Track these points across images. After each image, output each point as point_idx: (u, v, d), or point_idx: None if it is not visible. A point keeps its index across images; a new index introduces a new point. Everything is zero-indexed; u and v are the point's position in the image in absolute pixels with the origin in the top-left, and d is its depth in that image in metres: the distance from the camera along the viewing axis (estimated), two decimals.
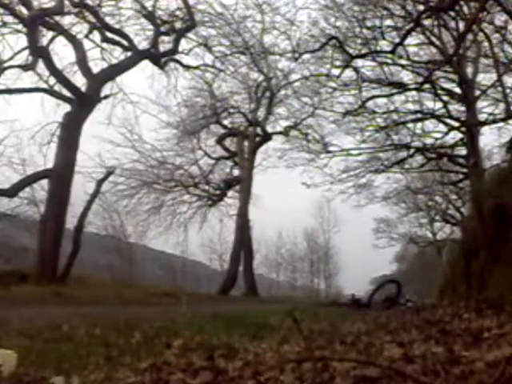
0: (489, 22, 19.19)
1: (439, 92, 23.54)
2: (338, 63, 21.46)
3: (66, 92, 18.53)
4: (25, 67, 18.26)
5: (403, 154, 25.94)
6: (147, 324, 5.73)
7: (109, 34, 20.01)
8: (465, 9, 18.99)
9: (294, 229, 51.31)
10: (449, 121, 24.56)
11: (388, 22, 20.69)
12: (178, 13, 21.56)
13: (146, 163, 27.93)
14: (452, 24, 20.57)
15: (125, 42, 20.11)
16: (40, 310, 8.11)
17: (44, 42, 18.58)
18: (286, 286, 50.39)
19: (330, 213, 47.86)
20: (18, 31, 18.70)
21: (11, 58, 18.74)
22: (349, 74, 22.44)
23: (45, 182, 18.17)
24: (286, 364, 2.64)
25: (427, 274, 39.82)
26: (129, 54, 20.33)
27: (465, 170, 25.45)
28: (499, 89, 21.87)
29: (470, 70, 23.21)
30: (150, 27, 21.14)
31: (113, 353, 3.71)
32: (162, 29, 21.35)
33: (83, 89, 18.52)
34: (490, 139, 28.32)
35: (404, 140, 25.53)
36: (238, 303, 16.67)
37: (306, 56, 22.15)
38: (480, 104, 23.99)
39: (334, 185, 26.20)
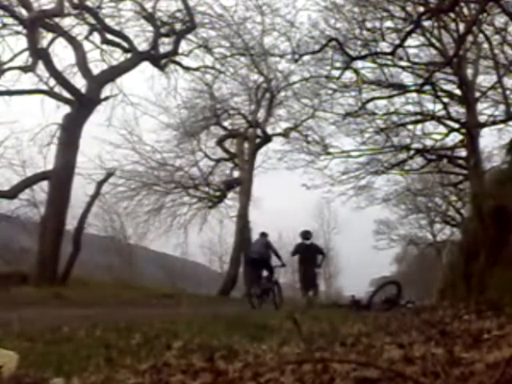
0: (489, 24, 19.24)
1: (439, 93, 23.57)
2: (338, 65, 21.50)
3: (65, 93, 18.54)
4: (25, 69, 18.28)
5: (403, 155, 25.96)
6: (147, 325, 5.74)
7: (109, 36, 20.03)
8: (465, 10, 19.03)
9: (294, 230, 51.29)
10: (449, 122, 24.58)
11: (388, 23, 20.77)
12: (177, 14, 21.58)
13: (146, 165, 27.95)
14: (452, 25, 20.60)
15: (125, 44, 20.12)
16: (40, 312, 8.11)
17: (44, 43, 18.61)
18: (287, 288, 50.36)
19: (330, 214, 47.99)
20: (18, 33, 18.74)
21: (11, 60, 18.79)
22: (349, 75, 22.52)
23: (45, 184, 18.18)
24: (286, 365, 2.64)
25: (427, 275, 39.82)
26: (129, 55, 20.35)
27: (465, 172, 25.45)
28: (499, 90, 21.92)
29: (470, 72, 23.24)
30: (150, 29, 21.16)
31: (113, 354, 3.71)
32: (162, 30, 21.36)
33: (83, 90, 18.52)
34: (490, 141, 28.21)
35: (404, 142, 25.56)
36: (238, 305, 16.66)
37: (306, 57, 22.18)
38: (480, 105, 24.05)
39: (333, 186, 26.24)
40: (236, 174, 29.18)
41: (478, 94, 23.33)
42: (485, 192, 10.29)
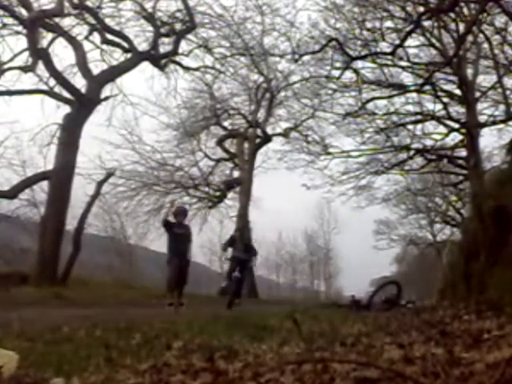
0: (489, 24, 19.23)
1: (439, 93, 23.57)
2: (338, 65, 21.51)
3: (66, 93, 18.55)
4: (25, 69, 18.28)
5: (403, 155, 25.99)
6: (147, 325, 5.73)
7: (109, 36, 20.03)
8: (465, 10, 19.03)
9: (294, 230, 51.40)
10: (449, 122, 24.59)
11: (388, 23, 20.76)
12: (177, 14, 21.58)
13: (146, 165, 27.99)
14: (452, 25, 20.60)
15: (125, 44, 20.13)
16: (40, 312, 8.11)
17: (44, 43, 18.62)
18: (286, 288, 50.46)
19: (330, 214, 48.02)
20: (18, 33, 18.74)
21: (11, 60, 18.80)
22: (349, 75, 22.52)
23: (45, 184, 18.20)
24: (286, 365, 2.64)
25: (427, 275, 39.83)
26: (129, 55, 20.35)
27: (465, 172, 25.47)
28: (499, 90, 21.93)
29: (470, 72, 23.24)
30: (150, 29, 21.17)
31: (113, 354, 3.71)
32: (162, 30, 21.37)
33: (83, 90, 18.53)
34: (490, 141, 28.29)
35: (404, 142, 25.58)
36: (239, 305, 16.65)
37: (306, 57, 22.20)
38: (480, 105, 24.07)
39: (334, 186, 26.28)
40: (236, 173, 29.22)
41: (477, 94, 23.33)
42: (485, 192, 10.29)
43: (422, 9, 17.44)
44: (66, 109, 18.64)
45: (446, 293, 10.41)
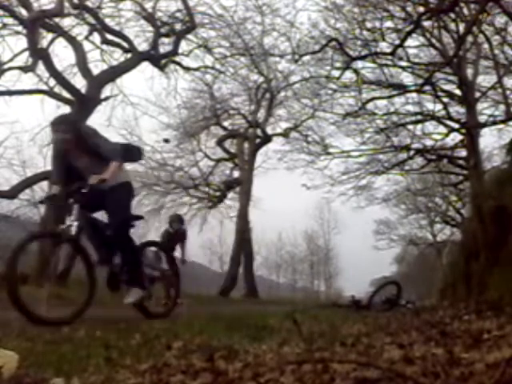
0: (489, 24, 19.24)
1: (439, 94, 23.56)
2: (338, 65, 21.53)
3: (65, 94, 18.52)
4: (25, 69, 18.26)
5: (403, 155, 25.97)
6: (147, 325, 5.73)
7: (109, 36, 19.99)
8: (465, 10, 19.03)
9: (294, 230, 51.55)
10: (449, 122, 24.58)
11: (388, 23, 20.73)
12: (177, 14, 21.56)
13: (146, 165, 27.96)
14: (452, 26, 20.60)
15: (125, 44, 20.09)
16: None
17: (44, 43, 18.59)
18: (286, 288, 50.48)
19: (330, 214, 48.11)
20: (18, 33, 18.73)
21: (11, 60, 18.78)
22: (349, 75, 22.52)
23: (45, 184, 18.18)
24: (286, 366, 2.64)
25: (427, 275, 39.90)
26: (129, 55, 20.32)
27: (465, 172, 25.48)
28: (499, 90, 21.91)
29: (470, 72, 23.23)
30: (150, 29, 21.14)
31: (113, 354, 3.70)
32: (162, 30, 21.34)
33: (83, 90, 18.52)
34: (490, 141, 28.53)
35: (404, 142, 25.55)
36: (238, 305, 16.65)
37: (306, 58, 22.17)
38: (480, 106, 24.05)
39: (333, 186, 26.30)
40: (236, 174, 29.21)
41: (478, 94, 23.32)
42: (485, 192, 10.29)
43: (422, 9, 17.43)
44: (66, 109, 18.63)
45: (445, 293, 10.42)
